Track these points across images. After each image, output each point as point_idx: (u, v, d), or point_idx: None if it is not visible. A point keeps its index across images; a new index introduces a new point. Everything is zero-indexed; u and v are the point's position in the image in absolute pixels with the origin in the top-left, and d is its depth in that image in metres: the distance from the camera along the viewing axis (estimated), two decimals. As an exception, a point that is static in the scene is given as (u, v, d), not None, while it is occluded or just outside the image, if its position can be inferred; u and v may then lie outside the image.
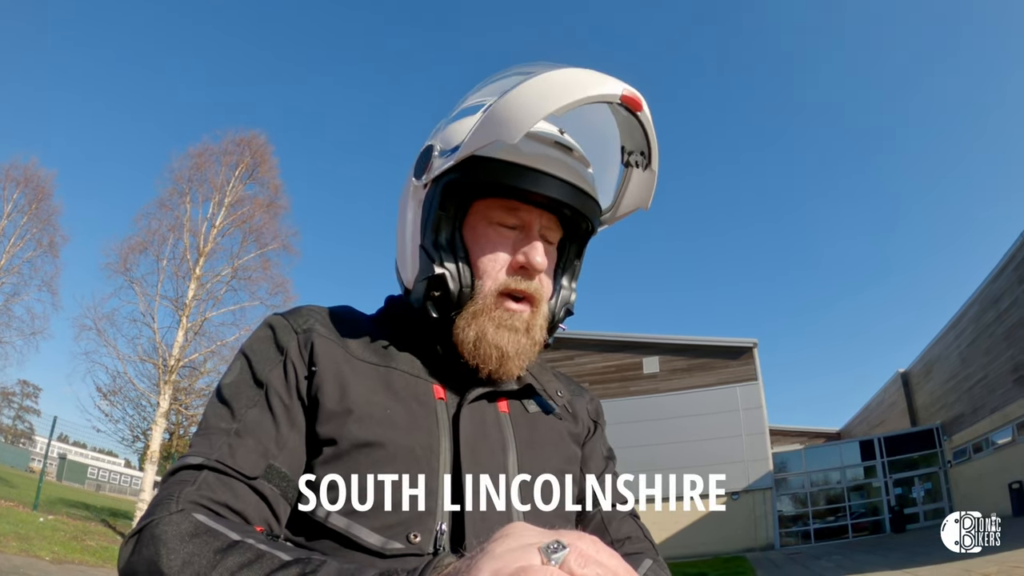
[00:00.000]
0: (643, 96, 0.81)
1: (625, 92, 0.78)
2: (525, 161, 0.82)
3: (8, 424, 39.26)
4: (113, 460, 48.05)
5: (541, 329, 0.88)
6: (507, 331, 0.84)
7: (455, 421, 0.81)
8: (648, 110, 0.83)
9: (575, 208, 0.86)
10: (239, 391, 0.80)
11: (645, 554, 0.88)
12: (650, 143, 0.87)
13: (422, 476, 0.76)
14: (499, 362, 0.84)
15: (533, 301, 0.87)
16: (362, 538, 0.72)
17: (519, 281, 0.85)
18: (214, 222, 15.46)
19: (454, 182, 0.84)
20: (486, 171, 0.82)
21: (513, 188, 0.83)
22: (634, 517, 0.96)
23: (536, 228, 0.87)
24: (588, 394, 1.06)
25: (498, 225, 0.87)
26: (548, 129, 0.86)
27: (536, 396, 0.93)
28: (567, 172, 0.84)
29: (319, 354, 0.82)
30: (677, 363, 22.29)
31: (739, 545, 19.74)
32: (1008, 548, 9.77)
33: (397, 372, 0.84)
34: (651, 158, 0.89)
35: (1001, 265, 16.87)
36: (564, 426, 0.94)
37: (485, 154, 0.82)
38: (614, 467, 1.02)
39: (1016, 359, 15.87)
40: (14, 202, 17.42)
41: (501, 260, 0.86)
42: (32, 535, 9.44)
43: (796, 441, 27.97)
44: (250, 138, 16.45)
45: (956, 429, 19.52)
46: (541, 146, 0.83)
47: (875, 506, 21.04)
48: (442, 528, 0.74)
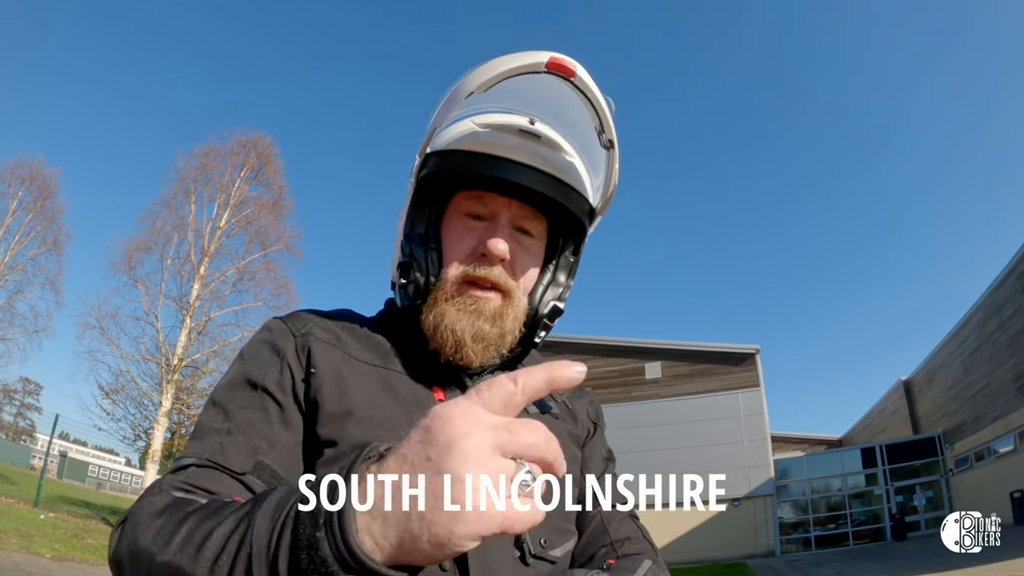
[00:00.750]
0: (580, 64, 0.80)
1: (552, 59, 0.78)
2: (483, 149, 0.83)
3: (9, 421, 39.33)
4: (114, 459, 48.07)
5: (514, 320, 0.87)
6: (468, 315, 0.83)
7: None
8: (587, 78, 0.81)
9: (542, 193, 0.84)
10: (233, 393, 0.80)
11: (644, 555, 0.87)
12: (599, 114, 0.84)
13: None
14: (455, 347, 0.82)
15: (501, 289, 0.85)
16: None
17: (478, 268, 0.84)
18: (219, 222, 15.53)
19: (424, 177, 0.87)
20: (448, 162, 0.85)
21: (474, 176, 0.85)
22: (634, 518, 0.96)
23: (504, 217, 0.87)
24: (588, 396, 1.05)
25: (465, 216, 0.88)
26: (513, 120, 0.84)
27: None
28: (531, 158, 0.83)
29: (318, 357, 0.82)
30: (679, 368, 22.25)
31: (740, 551, 19.67)
32: (1009, 556, 9.74)
33: (396, 374, 0.84)
34: (605, 130, 0.86)
35: (1004, 273, 16.83)
36: (563, 427, 0.93)
37: (448, 147, 0.84)
38: (613, 468, 1.01)
39: (1019, 367, 15.81)
40: (19, 200, 17.51)
41: (465, 248, 0.86)
42: (33, 532, 9.45)
43: (798, 448, 27.92)
44: (256, 139, 16.56)
45: (958, 437, 19.45)
46: (504, 135, 0.83)
47: (876, 514, 20.95)
48: None
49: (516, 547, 0.77)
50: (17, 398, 39.45)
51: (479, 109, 0.85)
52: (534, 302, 0.91)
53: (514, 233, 0.88)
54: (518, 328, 0.88)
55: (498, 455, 0.47)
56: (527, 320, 0.90)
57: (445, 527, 0.45)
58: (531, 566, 0.77)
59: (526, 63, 0.79)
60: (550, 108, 0.85)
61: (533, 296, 0.92)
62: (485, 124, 0.84)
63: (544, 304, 0.92)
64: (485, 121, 0.84)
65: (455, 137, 0.84)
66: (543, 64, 0.79)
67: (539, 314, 0.91)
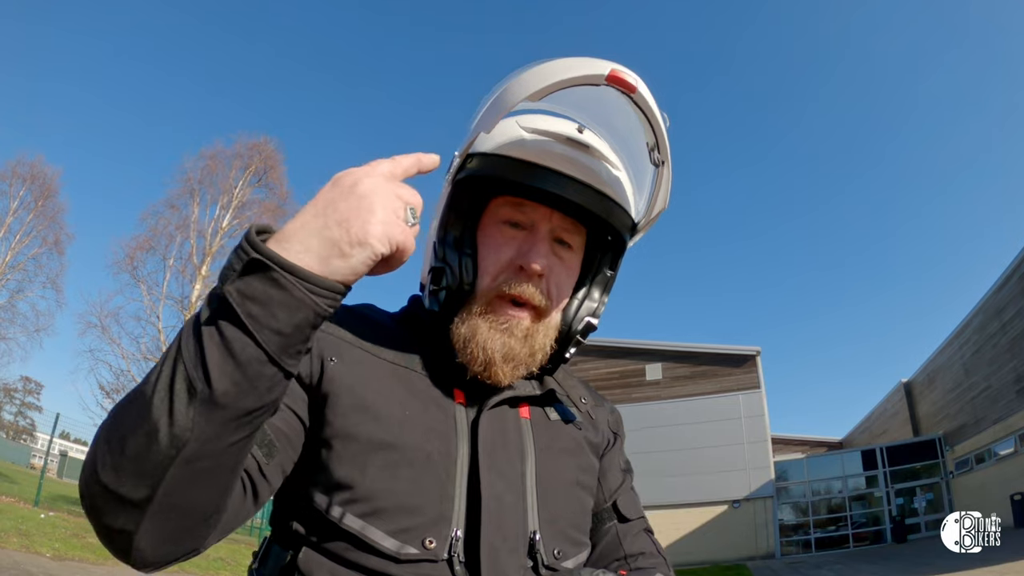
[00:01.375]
0: (642, 81, 0.76)
1: (614, 71, 0.74)
2: (528, 156, 0.80)
3: (10, 420, 39.33)
4: (114, 458, 47.84)
5: (545, 339, 0.84)
6: (499, 334, 0.80)
7: (474, 427, 0.78)
8: (647, 94, 0.77)
9: (583, 206, 0.81)
10: None
11: (657, 569, 0.86)
12: (655, 132, 0.81)
13: (438, 481, 0.73)
14: (484, 365, 0.79)
15: (535, 308, 0.82)
16: (376, 541, 0.69)
17: (514, 285, 0.81)
18: (221, 224, 15.53)
19: (462, 179, 0.84)
20: (490, 167, 0.82)
21: (515, 183, 0.81)
22: (648, 533, 0.95)
23: (545, 228, 0.84)
24: (608, 405, 1.03)
25: (505, 224, 0.84)
26: (562, 127, 0.82)
27: (558, 403, 0.89)
28: (577, 169, 0.81)
29: (337, 350, 0.79)
30: (680, 370, 22.24)
31: (740, 553, 19.65)
32: (1010, 558, 9.73)
33: (417, 374, 0.81)
34: (659, 149, 0.82)
35: (1005, 276, 16.83)
36: (584, 436, 0.91)
37: (493, 150, 0.82)
38: (631, 481, 0.99)
39: (1019, 370, 15.80)
40: (20, 199, 17.53)
41: (503, 259, 0.83)
42: (33, 531, 9.45)
43: (798, 450, 27.91)
44: (261, 143, 16.60)
45: (958, 440, 19.43)
46: (551, 143, 0.81)
47: (876, 516, 20.93)
48: (457, 534, 0.71)
49: (530, 557, 0.75)
50: (18, 397, 39.49)
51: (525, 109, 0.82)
52: (568, 318, 0.88)
53: (553, 245, 0.85)
54: (548, 345, 0.85)
55: (393, 182, 0.64)
56: (559, 336, 0.87)
57: (361, 227, 0.59)
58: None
59: (586, 73, 0.74)
60: (600, 118, 0.82)
61: (567, 311, 0.88)
62: (533, 129, 0.81)
63: (579, 320, 0.88)
64: (533, 126, 0.81)
65: (501, 141, 0.82)
66: (603, 76, 0.74)
67: (572, 330, 0.88)
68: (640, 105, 0.78)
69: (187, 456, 0.55)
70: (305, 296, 0.57)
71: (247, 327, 0.56)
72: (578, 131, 0.82)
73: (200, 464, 0.57)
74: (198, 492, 0.59)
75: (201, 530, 0.62)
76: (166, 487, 0.56)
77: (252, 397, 0.57)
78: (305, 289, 0.57)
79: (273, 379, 0.58)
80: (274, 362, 0.57)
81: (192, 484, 0.57)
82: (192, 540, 0.62)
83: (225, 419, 0.56)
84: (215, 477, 0.59)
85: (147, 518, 0.57)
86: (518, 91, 0.76)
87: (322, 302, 0.58)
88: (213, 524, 0.63)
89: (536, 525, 0.77)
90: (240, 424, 0.58)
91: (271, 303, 0.56)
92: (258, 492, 0.70)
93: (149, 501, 0.56)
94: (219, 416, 0.56)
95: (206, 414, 0.55)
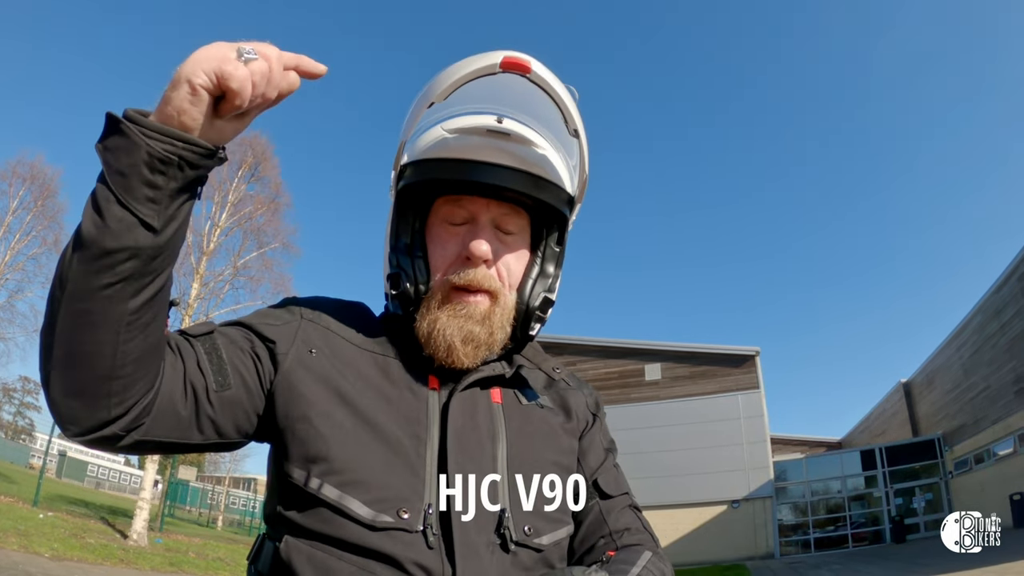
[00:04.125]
0: (536, 59, 0.83)
1: (506, 58, 0.81)
2: (454, 154, 0.84)
3: (9, 420, 39.32)
4: (113, 458, 47.99)
5: (503, 318, 0.88)
6: (458, 319, 0.85)
7: (444, 411, 0.83)
8: (545, 72, 0.84)
9: (515, 189, 0.85)
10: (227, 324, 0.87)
11: (644, 545, 0.88)
12: (558, 105, 0.87)
13: (410, 462, 0.79)
14: (447, 351, 0.84)
15: (488, 291, 0.87)
16: (353, 510, 0.74)
17: (463, 275, 0.86)
18: (216, 221, 15.49)
19: (402, 189, 0.89)
20: (423, 172, 0.86)
21: (447, 182, 0.86)
22: (634, 508, 0.96)
23: (485, 218, 0.89)
24: (587, 387, 1.06)
25: (446, 222, 0.90)
26: (481, 121, 0.84)
27: (527, 388, 0.94)
28: (503, 156, 0.84)
29: (318, 338, 0.86)
30: (679, 370, 22.24)
31: (739, 553, 19.66)
32: (1009, 558, 9.74)
33: (395, 361, 0.88)
34: (568, 121, 0.89)
35: (1004, 276, 16.84)
36: (555, 420, 0.94)
37: (421, 157, 0.86)
38: (614, 459, 1.01)
39: (1018, 370, 15.82)
40: (19, 199, 17.53)
41: (450, 253, 0.88)
42: (32, 532, 9.45)
43: (797, 450, 27.94)
44: (252, 137, 16.49)
45: (957, 440, 19.45)
46: (471, 138, 0.84)
47: (875, 516, 20.96)
48: (430, 510, 0.76)
49: (496, 534, 0.79)
50: (16, 397, 39.46)
51: (446, 114, 0.85)
52: (524, 296, 0.92)
53: (496, 233, 0.90)
54: (508, 325, 0.90)
55: (233, 49, 0.66)
56: (518, 315, 0.91)
57: (178, 70, 0.64)
58: (514, 553, 0.79)
59: (481, 66, 0.82)
60: (515, 104, 0.85)
61: (523, 291, 0.92)
62: (453, 129, 0.84)
63: (535, 297, 0.93)
64: (453, 126, 0.84)
65: (426, 146, 0.85)
66: (497, 65, 0.82)
67: (530, 307, 0.92)
68: (538, 83, 0.85)
69: (69, 294, 0.65)
70: (138, 139, 0.63)
71: (101, 174, 0.65)
72: (497, 121, 0.84)
73: (79, 305, 0.65)
74: (83, 337, 0.66)
75: (99, 387, 0.68)
76: (59, 329, 0.66)
77: (109, 237, 0.63)
78: (139, 132, 0.63)
79: (123, 220, 0.64)
80: (120, 202, 0.64)
81: (76, 327, 0.66)
82: (93, 398, 0.68)
83: (91, 257, 0.64)
84: (96, 325, 0.66)
85: (53, 367, 0.67)
86: (425, 97, 0.85)
87: (156, 145, 0.63)
88: (116, 391, 0.69)
89: (506, 503, 0.81)
90: (104, 266, 0.64)
91: (117, 150, 0.64)
92: (199, 411, 0.77)
93: (51, 348, 0.67)
94: (87, 255, 0.64)
95: (79, 254, 0.64)
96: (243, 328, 0.86)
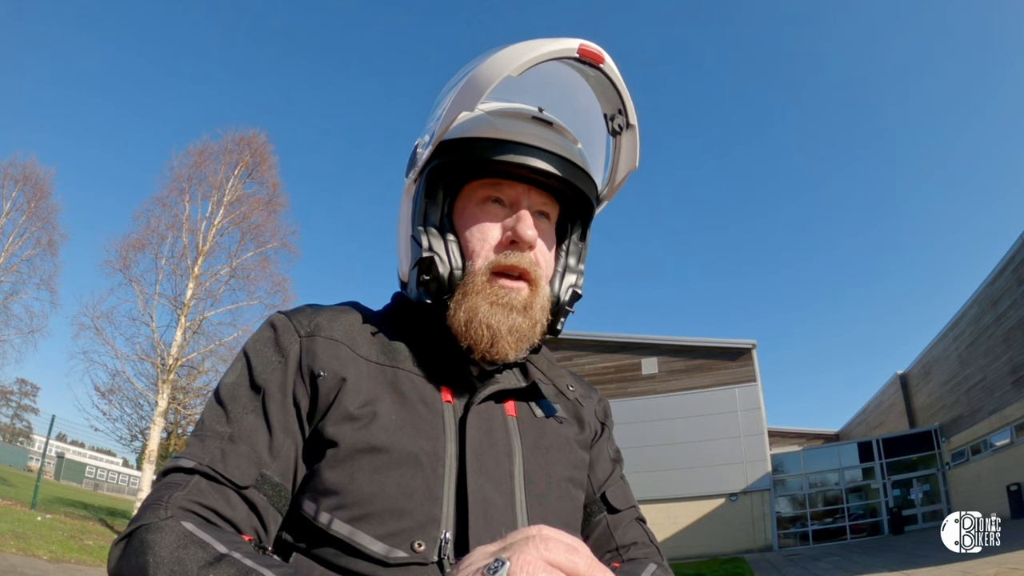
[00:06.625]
0: (607, 52, 0.81)
1: (583, 46, 0.79)
2: (502, 135, 0.82)
3: (6, 423, 39.22)
4: (111, 459, 47.97)
5: (542, 310, 0.86)
6: (501, 308, 0.81)
7: (462, 426, 0.79)
8: (613, 64, 0.82)
9: (561, 177, 0.84)
10: (236, 394, 0.79)
11: (650, 559, 0.86)
12: (623, 98, 0.86)
13: (427, 483, 0.73)
14: (491, 341, 0.81)
15: (529, 279, 0.84)
16: (365, 546, 0.69)
17: (508, 256, 0.83)
18: (213, 221, 15.43)
19: (435, 168, 0.85)
20: (464, 150, 0.83)
21: (492, 162, 0.83)
22: (640, 522, 0.94)
23: (524, 203, 0.86)
24: (597, 394, 1.03)
25: (485, 203, 0.86)
26: (526, 107, 0.85)
27: (542, 399, 0.89)
28: (547, 143, 0.83)
29: (323, 355, 0.79)
30: (676, 364, 22.27)
31: (737, 546, 19.73)
32: (1007, 550, 9.77)
33: (404, 372, 0.81)
34: (627, 114, 0.87)
35: (1000, 267, 16.88)
36: (570, 432, 0.90)
37: (461, 135, 0.83)
38: (621, 470, 0.99)
39: (1015, 361, 15.88)
40: (12, 200, 17.42)
41: (491, 237, 0.85)
42: (30, 534, 9.42)
43: (795, 442, 27.97)
44: (250, 137, 16.41)
45: (954, 431, 19.53)
46: (518, 122, 0.83)
47: (873, 508, 21.04)
48: (447, 536, 0.71)
49: None
50: (14, 399, 39.36)
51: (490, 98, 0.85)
52: (555, 289, 0.91)
53: (536, 220, 0.87)
54: (545, 317, 0.87)
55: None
56: (551, 308, 0.89)
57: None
58: None
59: (557, 49, 0.78)
60: (555, 97, 0.85)
61: (553, 283, 0.92)
62: (498, 111, 0.83)
63: (565, 290, 0.92)
64: (497, 108, 0.83)
65: (469, 127, 0.83)
66: (574, 51, 0.79)
67: (561, 300, 0.91)
68: (607, 75, 0.83)
69: None
70: None
71: None
72: (540, 110, 0.86)
73: None
74: None
75: None
76: None
77: None
78: None
79: None
80: None
81: None
82: None
83: None
84: None
85: None
86: (498, 67, 0.77)
87: None
88: None
89: (525, 524, 0.76)
90: None
91: None
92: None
93: None
94: None
95: None
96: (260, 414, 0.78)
